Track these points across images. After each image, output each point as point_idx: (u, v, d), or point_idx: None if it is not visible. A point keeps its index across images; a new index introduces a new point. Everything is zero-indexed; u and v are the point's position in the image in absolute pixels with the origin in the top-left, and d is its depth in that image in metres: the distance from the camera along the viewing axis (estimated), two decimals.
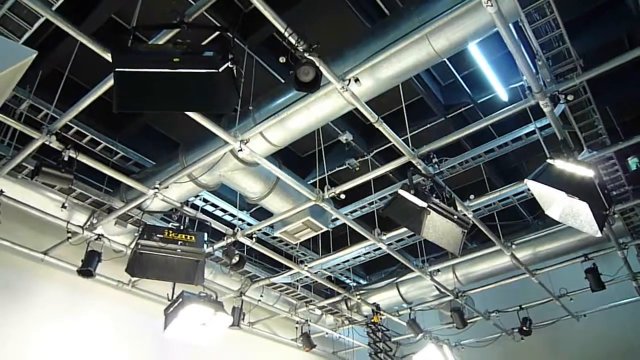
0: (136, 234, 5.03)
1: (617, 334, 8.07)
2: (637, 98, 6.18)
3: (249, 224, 6.35)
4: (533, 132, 5.46)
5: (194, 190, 5.17)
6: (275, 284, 7.28)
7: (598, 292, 6.74)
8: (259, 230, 6.40)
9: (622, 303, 7.98)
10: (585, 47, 4.50)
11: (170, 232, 4.59)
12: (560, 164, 3.95)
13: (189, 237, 4.68)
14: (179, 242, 4.52)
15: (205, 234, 4.81)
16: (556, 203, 4.11)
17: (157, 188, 4.79)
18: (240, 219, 6.34)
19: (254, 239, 5.77)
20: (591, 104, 4.45)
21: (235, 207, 6.17)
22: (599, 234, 4.07)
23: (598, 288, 6.63)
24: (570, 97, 4.06)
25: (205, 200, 6.01)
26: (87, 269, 5.25)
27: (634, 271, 7.12)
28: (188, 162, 4.84)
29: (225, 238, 5.60)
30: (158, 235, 4.52)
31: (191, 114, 3.99)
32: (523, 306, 7.89)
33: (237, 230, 5.65)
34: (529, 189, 4.71)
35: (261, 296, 7.26)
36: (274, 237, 6.91)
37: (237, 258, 5.45)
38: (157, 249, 4.53)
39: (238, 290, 6.97)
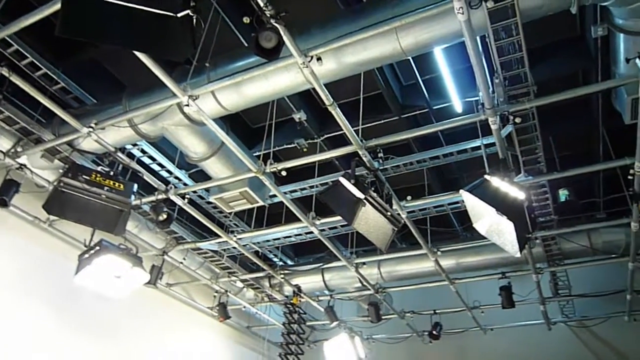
0: (62, 171, 4.76)
1: (518, 352, 8.55)
2: (577, 135, 6.51)
3: (185, 184, 6.17)
4: (478, 147, 5.61)
5: (133, 137, 4.94)
6: (201, 249, 7.16)
7: (508, 309, 7.10)
8: (193, 192, 6.26)
9: (528, 324, 8.47)
10: (541, 76, 4.65)
11: (98, 175, 4.37)
12: (496, 182, 4.08)
13: (117, 184, 4.48)
14: (105, 188, 4.31)
15: (135, 185, 4.62)
16: (485, 218, 4.25)
17: (92, 127, 4.54)
18: (176, 177, 6.14)
19: (186, 200, 5.62)
20: (536, 131, 4.61)
21: (174, 164, 5.96)
22: (518, 255, 4.26)
23: (509, 306, 6.97)
24: (518, 120, 4.19)
25: (143, 152, 5.77)
26: (1, 198, 4.93)
27: (544, 296, 7.54)
28: (131, 107, 4.63)
29: (156, 193, 5.41)
30: (84, 177, 4.29)
31: (143, 59, 3.79)
32: (437, 311, 8.19)
33: (171, 187, 5.48)
34: (463, 201, 4.85)
35: (184, 259, 7.12)
36: (209, 203, 6.76)
37: (164, 215, 5.28)
38: (81, 191, 4.30)
39: (161, 249, 6.80)
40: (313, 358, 8.94)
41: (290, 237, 7.12)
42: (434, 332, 8.01)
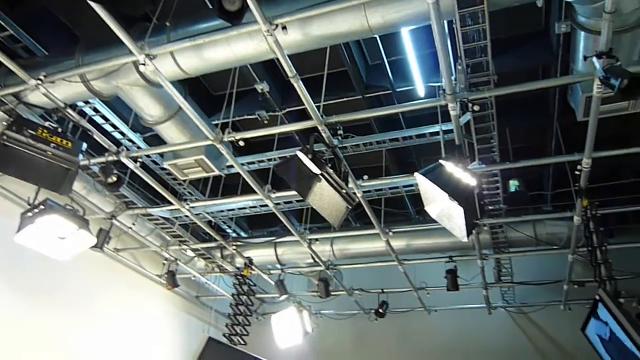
0: (6, 124, 4.50)
1: (459, 333, 8.89)
2: (533, 129, 6.69)
3: (139, 148, 5.98)
4: (438, 133, 5.68)
5: (85, 94, 4.71)
6: (152, 216, 6.99)
7: (452, 292, 7.32)
8: (147, 156, 6.10)
9: (470, 307, 8.80)
10: (503, 67, 4.73)
11: (45, 131, 4.17)
12: (451, 167, 4.15)
13: (65, 142, 4.30)
14: (52, 145, 4.13)
15: (85, 145, 4.44)
16: (437, 202, 4.33)
17: (41, 80, 4.30)
18: (130, 140, 5.94)
19: (138, 164, 5.45)
20: (493, 121, 4.70)
21: (128, 125, 5.75)
22: (466, 240, 4.36)
23: (453, 289, 7.18)
24: (477, 108, 4.24)
25: (96, 111, 5.52)
26: None
27: (487, 281, 7.82)
28: (84, 62, 4.40)
29: (107, 155, 5.23)
30: (30, 131, 4.09)
31: (99, 11, 3.59)
32: (385, 290, 8.38)
33: (123, 149, 5.29)
34: (418, 184, 4.91)
35: (134, 224, 6.94)
36: (163, 169, 6.58)
37: (114, 178, 5.11)
38: (26, 146, 4.10)
39: (110, 213, 6.59)
40: (261, 330, 9.01)
41: (245, 209, 7.06)
42: (381, 311, 8.19)
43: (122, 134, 5.84)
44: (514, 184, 5.80)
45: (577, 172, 4.93)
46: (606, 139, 5.07)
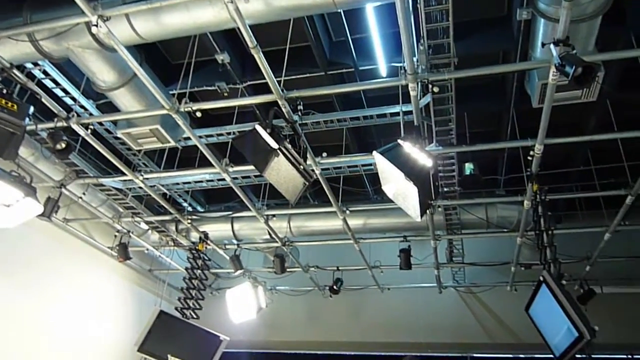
0: None
1: (410, 311, 9.15)
2: (490, 114, 6.83)
3: (90, 115, 5.73)
4: (398, 114, 5.71)
5: (33, 55, 4.45)
6: (103, 186, 6.77)
7: (405, 271, 7.48)
8: (99, 124, 5.86)
9: (421, 286, 9.04)
10: (464, 51, 4.78)
11: None
12: (408, 147, 4.18)
13: (10, 104, 4.05)
14: None
15: (32, 108, 4.20)
16: (393, 181, 4.37)
17: None
18: (82, 107, 5.68)
19: (89, 130, 5.24)
20: (452, 104, 4.75)
21: (79, 90, 5.49)
22: (419, 219, 4.45)
23: (406, 267, 7.33)
24: (436, 89, 4.28)
25: (45, 73, 5.25)
26: None
27: (439, 261, 8.03)
28: (32, 20, 4.15)
29: (56, 120, 4.99)
30: None
31: None
32: (340, 268, 8.48)
33: (73, 115, 5.06)
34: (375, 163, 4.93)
35: (84, 194, 6.71)
36: (117, 138, 6.36)
37: (63, 145, 4.88)
38: None
39: (59, 181, 6.34)
40: (215, 305, 9.00)
41: (201, 182, 6.92)
42: (335, 287, 8.31)
43: (73, 99, 5.57)
44: (468, 167, 5.91)
45: (530, 158, 5.07)
46: (559, 127, 5.23)
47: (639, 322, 7.96)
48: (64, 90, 5.47)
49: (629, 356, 7.95)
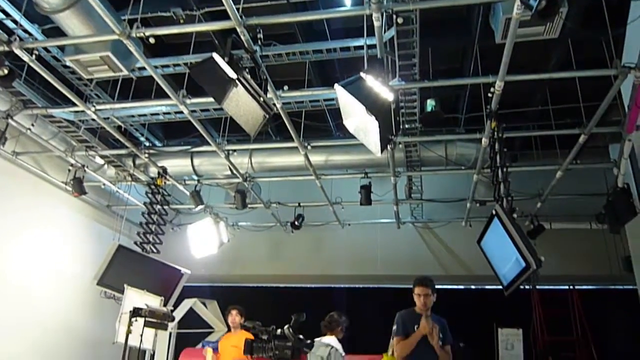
0: None
1: (369, 246, 9.41)
2: (454, 51, 6.77)
3: (36, 40, 5.34)
4: (362, 47, 5.57)
5: None
6: (54, 117, 6.44)
7: (365, 207, 7.61)
8: (46, 50, 5.49)
9: (381, 222, 9.27)
10: None
11: None
12: (370, 81, 4.10)
13: None
14: None
15: None
16: (355, 116, 4.32)
17: None
18: (25, 31, 5.27)
19: (34, 56, 4.89)
20: (415, 37, 4.66)
21: (21, 12, 5.07)
22: (379, 154, 4.46)
23: (366, 203, 7.44)
24: (400, 20, 4.16)
25: None
26: None
27: (398, 198, 8.19)
28: None
29: None
30: None
31: None
32: (301, 204, 8.55)
33: (15, 39, 4.70)
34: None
35: (32, 125, 6.37)
36: (66, 66, 6.00)
37: (5, 71, 4.57)
38: None
39: (5, 111, 5.99)
40: (176, 240, 9.00)
41: (158, 114, 6.68)
42: (296, 223, 8.41)
43: (15, 22, 5.16)
44: (430, 104, 5.91)
45: (490, 95, 5.09)
46: (521, 68, 5.24)
47: (582, 255, 8.46)
48: (3, 12, 5.04)
49: (571, 287, 8.49)
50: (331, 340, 5.02)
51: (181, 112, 6.05)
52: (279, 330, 3.62)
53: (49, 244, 7.71)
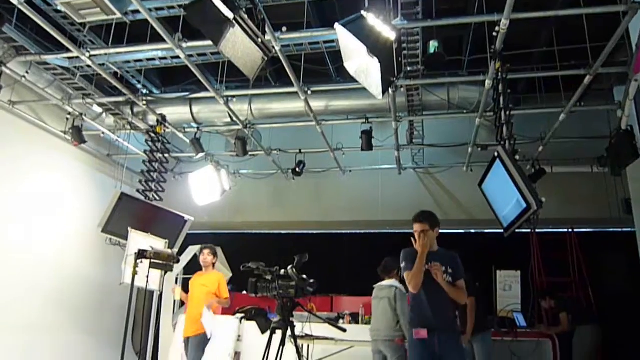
0: None
1: (370, 192, 9.45)
2: None
3: None
4: None
5: None
6: (48, 64, 6.31)
7: (366, 153, 7.58)
8: None
9: (382, 168, 9.28)
10: None
11: None
12: (372, 20, 3.97)
13: None
14: None
15: None
16: (356, 57, 4.22)
17: None
18: None
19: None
20: None
21: None
22: (381, 97, 4.39)
23: (367, 149, 7.41)
24: None
25: None
26: None
27: (399, 143, 8.15)
28: None
29: None
30: None
31: None
32: (302, 150, 8.53)
33: None
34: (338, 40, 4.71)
35: (27, 72, 6.25)
36: (58, 11, 5.81)
37: None
38: None
39: None
40: (178, 189, 9.03)
41: (154, 59, 6.51)
42: (297, 170, 8.41)
43: None
44: (433, 45, 5.76)
45: (495, 34, 4.94)
46: (526, 4, 5.06)
47: (582, 199, 8.51)
48: None
49: (570, 230, 8.60)
50: (392, 282, 5.46)
51: (178, 57, 5.91)
52: (282, 271, 3.68)
53: (52, 193, 7.75)
